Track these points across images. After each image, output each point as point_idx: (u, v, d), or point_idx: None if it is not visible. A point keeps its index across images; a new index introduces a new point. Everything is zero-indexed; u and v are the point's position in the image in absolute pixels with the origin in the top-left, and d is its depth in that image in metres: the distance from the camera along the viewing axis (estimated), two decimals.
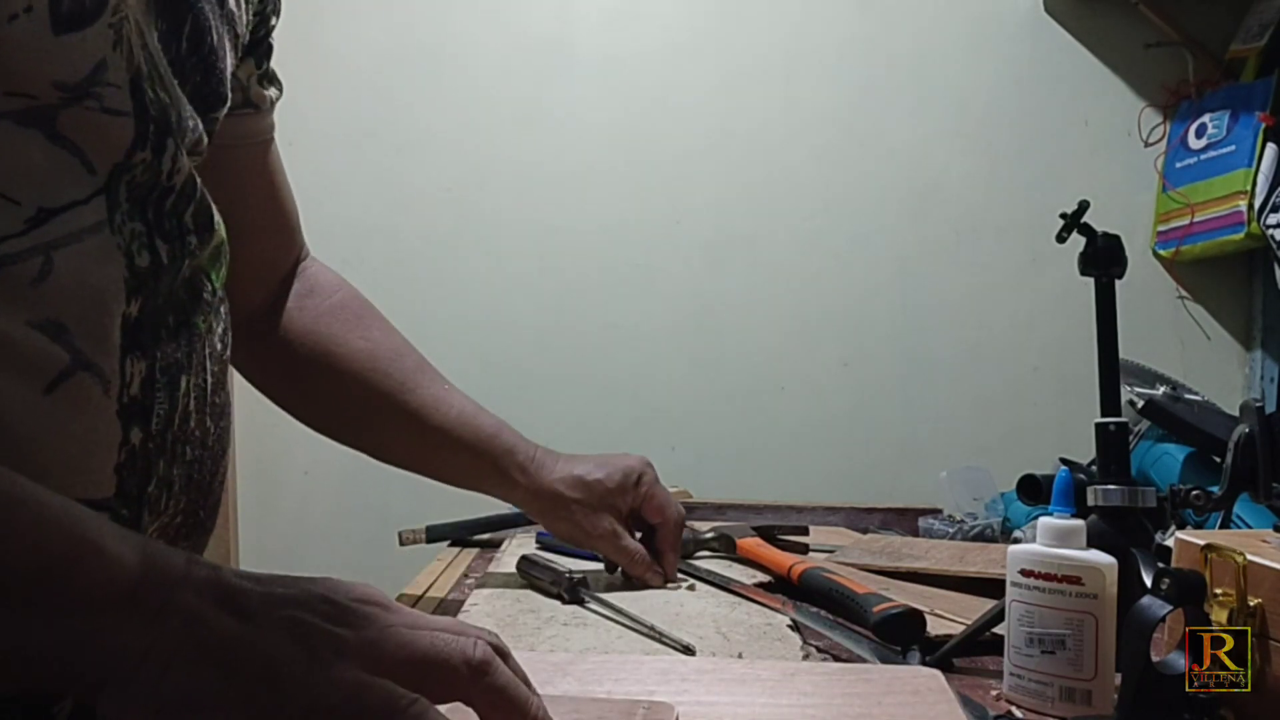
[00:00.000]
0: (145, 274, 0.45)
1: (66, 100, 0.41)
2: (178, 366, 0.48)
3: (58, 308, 0.41)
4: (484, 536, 1.17)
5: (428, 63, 1.85)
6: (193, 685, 0.34)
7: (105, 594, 0.34)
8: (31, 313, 0.40)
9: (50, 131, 0.41)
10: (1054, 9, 1.82)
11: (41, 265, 0.40)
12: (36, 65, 0.40)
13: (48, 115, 0.41)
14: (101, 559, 0.34)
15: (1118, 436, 0.68)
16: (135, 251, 0.45)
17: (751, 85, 1.85)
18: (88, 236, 0.42)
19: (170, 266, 0.47)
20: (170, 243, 0.48)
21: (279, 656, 0.35)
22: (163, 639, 0.34)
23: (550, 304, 1.84)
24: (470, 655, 0.38)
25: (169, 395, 0.47)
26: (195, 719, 0.34)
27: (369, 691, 0.35)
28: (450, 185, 1.84)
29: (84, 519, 0.35)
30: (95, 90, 0.42)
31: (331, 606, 0.38)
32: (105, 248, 0.43)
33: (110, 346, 0.43)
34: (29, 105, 0.40)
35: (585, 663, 0.60)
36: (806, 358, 1.83)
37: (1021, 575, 0.58)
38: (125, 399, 0.44)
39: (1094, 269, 0.72)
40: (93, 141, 0.43)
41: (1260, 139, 1.59)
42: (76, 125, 0.42)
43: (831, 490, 1.65)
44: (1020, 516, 1.29)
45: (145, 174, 0.46)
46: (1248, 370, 1.79)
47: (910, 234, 1.83)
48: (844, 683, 0.56)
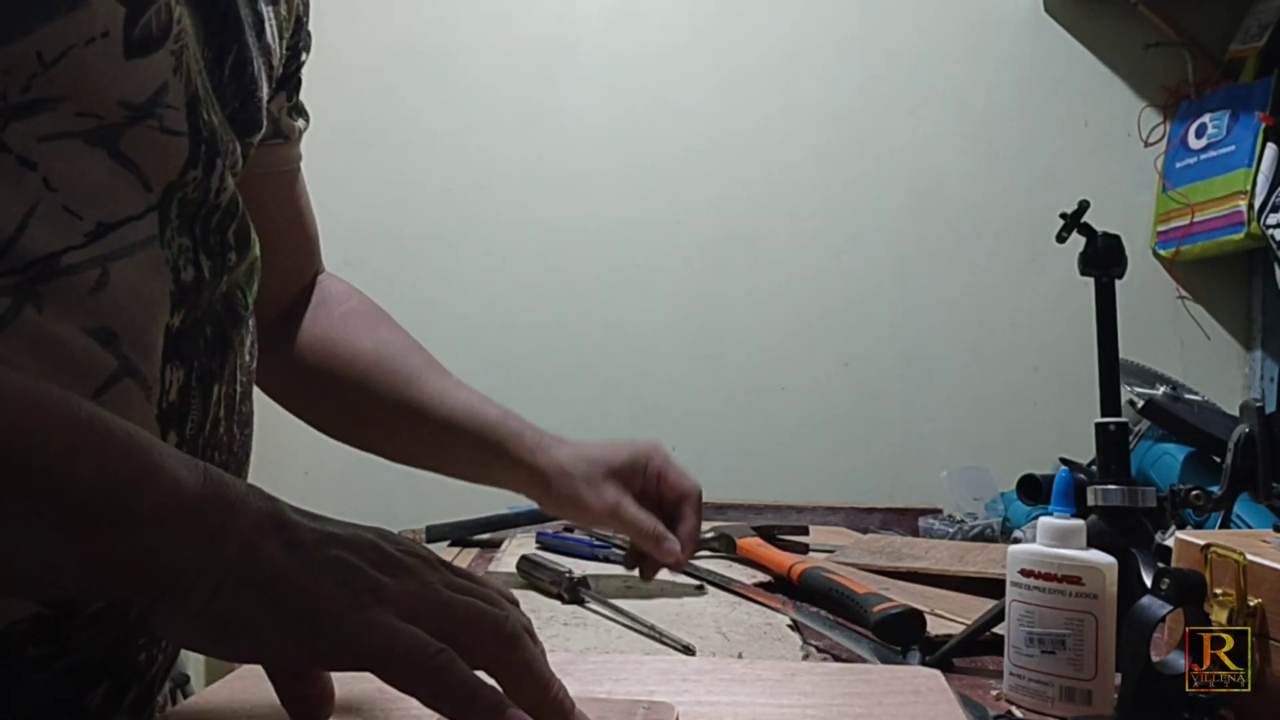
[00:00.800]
0: (189, 287, 0.48)
1: (130, 120, 0.43)
2: (211, 376, 0.50)
3: (110, 316, 0.43)
4: (484, 536, 1.18)
5: (428, 63, 1.85)
6: (238, 608, 0.36)
7: (168, 513, 0.36)
8: (87, 320, 0.42)
9: (113, 150, 0.43)
10: (1054, 9, 1.82)
11: (99, 276, 0.42)
12: (107, 87, 0.42)
13: (113, 135, 0.43)
14: (165, 479, 0.36)
15: (1118, 436, 0.68)
16: (181, 266, 0.47)
17: (751, 85, 1.85)
18: (140, 250, 0.44)
19: (211, 281, 0.50)
20: (212, 258, 0.50)
21: (320, 592, 0.37)
22: (218, 560, 0.36)
23: (550, 304, 1.84)
24: (500, 627, 0.39)
25: (202, 403, 0.49)
26: (236, 641, 0.36)
27: (399, 636, 0.37)
28: (450, 185, 1.84)
29: (149, 442, 0.37)
30: (157, 111, 0.44)
31: (379, 554, 0.40)
32: (155, 261, 0.45)
33: (154, 355, 0.45)
34: (97, 125, 0.42)
35: (585, 663, 0.60)
36: (806, 358, 1.83)
37: (1021, 575, 0.58)
38: (164, 405, 0.46)
39: (1094, 269, 0.72)
40: (151, 160, 0.45)
41: (1260, 139, 1.59)
42: (136, 144, 0.44)
43: (831, 490, 1.65)
44: (1020, 516, 1.30)
45: (195, 192, 0.48)
46: (1248, 370, 1.79)
47: (910, 234, 1.83)
48: (844, 682, 0.56)
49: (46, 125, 0.41)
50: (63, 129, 0.41)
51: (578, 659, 0.61)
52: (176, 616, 0.36)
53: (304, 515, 0.40)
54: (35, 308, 0.40)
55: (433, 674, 0.36)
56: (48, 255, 0.41)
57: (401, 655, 0.36)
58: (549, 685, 0.40)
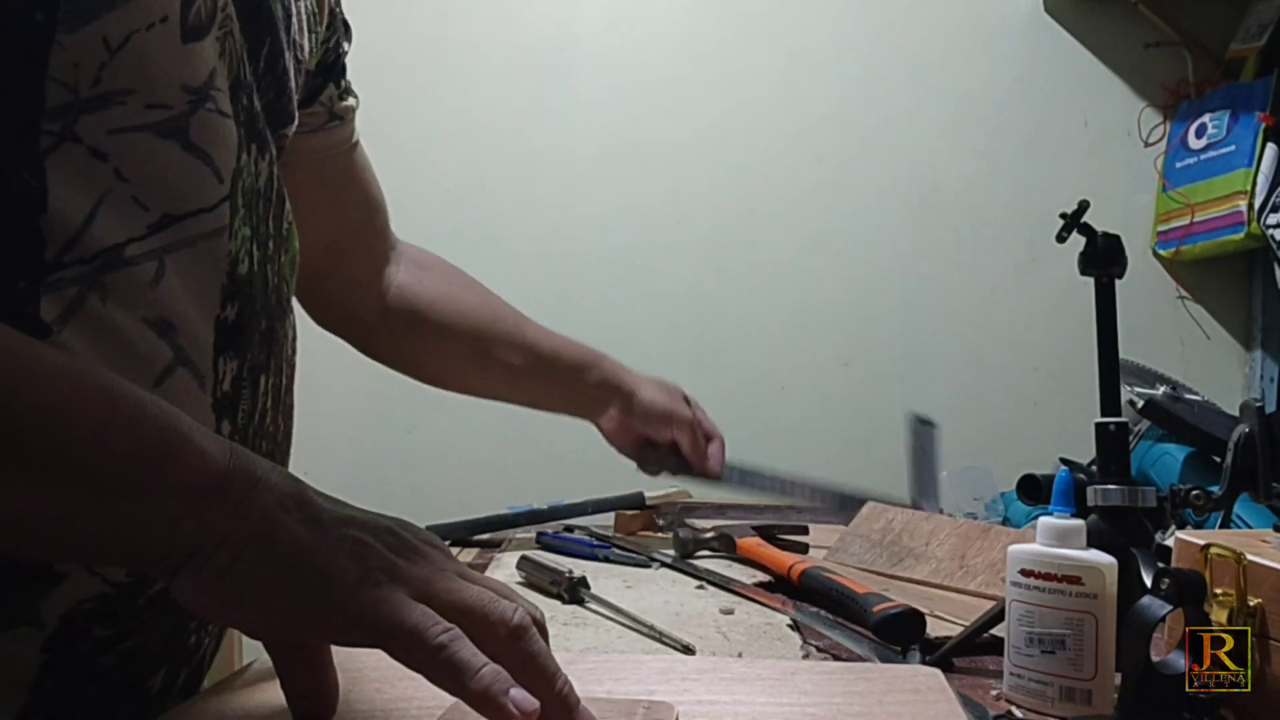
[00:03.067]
0: (242, 280, 0.49)
1: (193, 105, 0.44)
2: (260, 368, 0.51)
3: (166, 308, 0.44)
4: (484, 536, 1.17)
5: (428, 63, 1.85)
6: (255, 578, 0.37)
7: (195, 483, 0.37)
8: (147, 310, 0.43)
9: (185, 141, 0.44)
10: (1054, 9, 1.82)
11: (157, 268, 0.43)
12: (169, 73, 0.43)
13: (181, 125, 0.44)
14: (192, 451, 0.38)
15: (1118, 436, 0.68)
16: (240, 258, 0.48)
17: (752, 85, 1.85)
18: (202, 242, 0.45)
19: (261, 272, 0.51)
20: (262, 249, 0.51)
21: (335, 566, 0.38)
22: (239, 530, 0.37)
23: (550, 304, 1.83)
24: (509, 617, 0.40)
25: (252, 393, 0.50)
26: (252, 609, 0.38)
27: (410, 612, 0.37)
28: (450, 185, 1.84)
29: (178, 416, 0.38)
30: (211, 94, 0.45)
31: (395, 538, 0.41)
32: (215, 254, 0.47)
33: (205, 346, 0.46)
34: (166, 116, 0.43)
35: (585, 662, 0.60)
36: (806, 358, 1.83)
37: (1021, 575, 0.58)
38: (219, 394, 0.47)
39: (1094, 269, 0.72)
40: (217, 147, 0.46)
41: (1260, 139, 1.59)
42: (203, 131, 0.45)
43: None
44: (1020, 516, 1.30)
45: (249, 179, 0.49)
46: (1248, 370, 1.79)
47: (910, 234, 1.83)
48: (844, 681, 0.56)
49: (117, 119, 0.41)
50: (134, 122, 0.42)
51: (578, 659, 0.61)
52: (197, 585, 0.37)
53: (325, 498, 0.41)
54: (100, 298, 0.41)
55: (441, 651, 0.37)
56: (113, 246, 0.42)
57: (411, 631, 0.37)
58: (555, 678, 0.40)
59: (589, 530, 1.14)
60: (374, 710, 0.49)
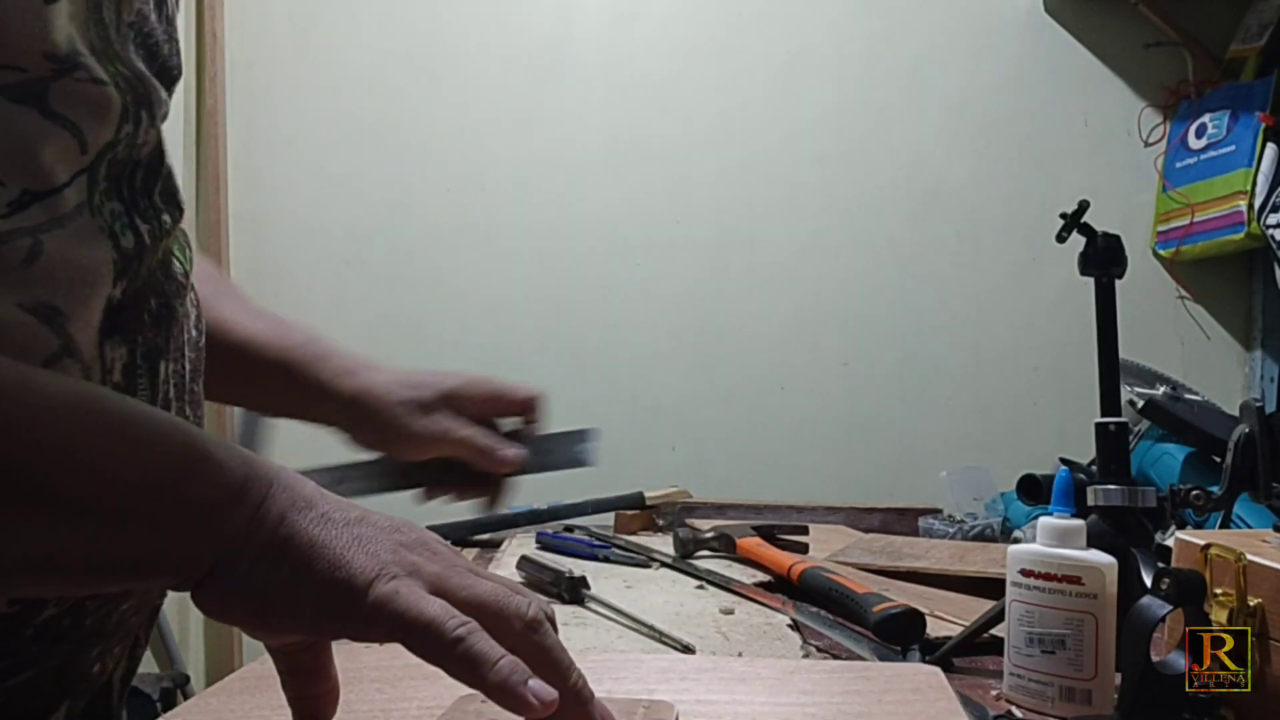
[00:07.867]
0: (130, 255, 0.44)
1: (57, 73, 0.39)
2: (157, 352, 0.47)
3: (49, 290, 0.40)
4: (484, 536, 1.17)
5: (428, 63, 1.85)
6: (274, 579, 0.37)
7: (215, 498, 0.37)
8: (23, 295, 0.39)
9: (44, 108, 0.39)
10: (1054, 9, 1.82)
11: (30, 247, 0.39)
12: (29, 36, 0.38)
13: (39, 90, 0.39)
14: (211, 467, 0.37)
15: (1118, 436, 0.68)
16: (119, 232, 0.43)
17: (751, 85, 1.85)
18: (69, 221, 0.41)
19: (151, 247, 0.46)
20: (148, 221, 0.46)
21: (352, 563, 0.38)
22: (256, 534, 0.37)
23: (550, 304, 1.84)
24: (524, 611, 0.40)
25: (150, 382, 0.46)
26: (274, 612, 0.38)
27: (428, 606, 0.37)
28: (450, 185, 1.84)
29: (191, 430, 0.38)
30: (82, 62, 0.40)
31: (405, 536, 0.41)
32: (89, 229, 0.42)
33: (91, 331, 0.42)
34: (21, 79, 0.38)
35: (585, 662, 0.59)
36: (806, 358, 1.83)
37: (1021, 575, 0.58)
38: (109, 385, 0.43)
39: (1094, 269, 0.72)
40: (86, 117, 0.41)
41: (1260, 139, 1.59)
42: (68, 98, 0.40)
43: (831, 490, 1.65)
44: (1020, 516, 1.30)
45: (124, 150, 0.44)
46: (1248, 370, 1.79)
47: (910, 234, 1.83)
48: (844, 680, 0.56)
49: None
50: None
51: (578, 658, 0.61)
52: (220, 592, 0.37)
53: (335, 498, 0.41)
54: None
55: (460, 643, 0.37)
56: None
57: (429, 624, 0.37)
58: (570, 672, 0.40)
59: (589, 530, 1.14)
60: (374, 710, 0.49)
